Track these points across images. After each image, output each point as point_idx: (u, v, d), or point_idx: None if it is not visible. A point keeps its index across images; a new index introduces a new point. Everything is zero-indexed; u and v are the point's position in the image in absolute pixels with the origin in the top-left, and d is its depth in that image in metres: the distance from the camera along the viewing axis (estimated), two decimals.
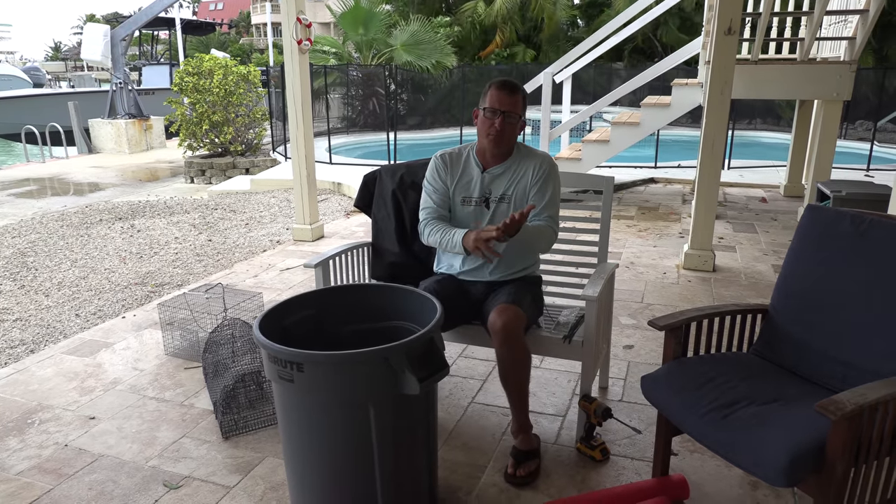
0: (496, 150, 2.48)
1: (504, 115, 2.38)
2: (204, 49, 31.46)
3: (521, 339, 2.30)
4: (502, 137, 2.41)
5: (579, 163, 6.91)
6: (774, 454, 1.65)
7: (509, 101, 2.38)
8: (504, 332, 2.26)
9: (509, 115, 2.38)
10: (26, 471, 2.43)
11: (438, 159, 2.60)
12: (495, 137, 2.41)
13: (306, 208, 5.70)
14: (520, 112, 2.43)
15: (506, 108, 2.38)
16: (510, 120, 2.39)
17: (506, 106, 2.38)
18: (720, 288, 4.35)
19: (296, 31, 5.29)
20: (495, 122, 2.39)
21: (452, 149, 2.63)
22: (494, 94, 2.39)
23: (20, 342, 3.85)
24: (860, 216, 2.16)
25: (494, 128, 2.39)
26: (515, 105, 2.40)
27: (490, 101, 2.40)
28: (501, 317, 2.27)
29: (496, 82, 2.41)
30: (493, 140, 2.42)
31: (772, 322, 2.27)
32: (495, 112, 2.38)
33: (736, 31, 4.23)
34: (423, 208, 2.60)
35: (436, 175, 2.58)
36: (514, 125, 2.42)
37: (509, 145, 2.49)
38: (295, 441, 1.91)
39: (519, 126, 2.45)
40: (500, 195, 2.50)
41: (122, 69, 13.42)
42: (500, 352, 2.30)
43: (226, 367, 2.86)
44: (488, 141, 2.44)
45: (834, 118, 5.90)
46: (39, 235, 6.45)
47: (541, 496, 2.25)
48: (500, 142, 2.43)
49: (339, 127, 13.87)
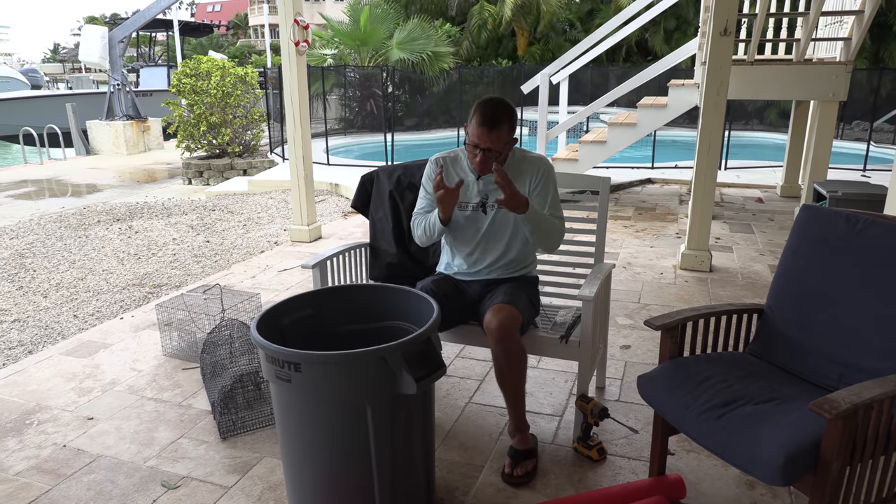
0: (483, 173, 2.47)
1: (485, 151, 2.35)
2: (202, 51, 31.46)
3: (517, 338, 2.31)
4: (485, 167, 2.40)
5: (576, 163, 6.93)
6: (770, 453, 1.66)
7: (489, 138, 2.33)
8: (499, 331, 2.26)
9: (489, 151, 2.35)
10: (25, 471, 2.43)
11: (433, 164, 2.60)
12: (478, 168, 2.41)
13: (304, 209, 5.71)
14: (502, 147, 2.36)
15: (486, 146, 2.34)
16: (491, 155, 2.36)
17: (486, 143, 2.34)
18: (717, 288, 4.36)
19: (293, 32, 5.30)
20: (477, 156, 2.38)
21: (448, 152, 2.62)
22: (476, 130, 2.34)
23: (18, 343, 3.85)
24: (855, 216, 2.17)
25: (476, 161, 2.39)
26: (497, 141, 2.34)
27: (472, 133, 2.36)
28: (497, 316, 2.28)
29: (479, 113, 2.33)
30: (477, 169, 2.42)
31: (768, 322, 2.28)
32: (476, 147, 2.37)
33: (732, 31, 4.25)
34: (415, 211, 2.63)
35: (431, 179, 2.58)
36: (497, 154, 2.37)
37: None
38: (293, 441, 1.92)
39: (508, 148, 2.40)
40: (496, 200, 2.48)
41: (120, 71, 13.41)
42: (496, 352, 2.30)
43: (224, 367, 2.87)
44: (477, 171, 2.44)
45: (830, 118, 5.92)
46: (37, 237, 6.44)
47: (538, 496, 2.25)
48: (484, 171, 2.42)
49: (336, 128, 13.87)
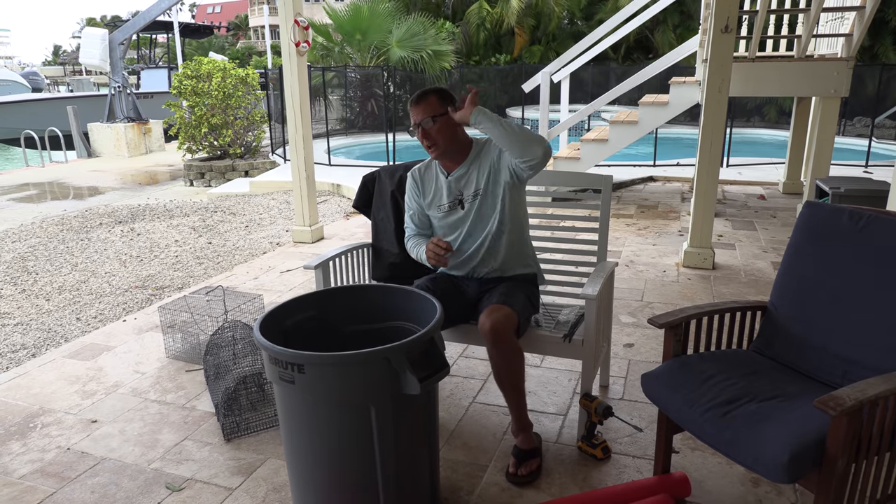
0: (444, 159, 2.51)
1: (420, 124, 2.40)
2: (202, 52, 31.48)
3: (511, 339, 2.28)
4: (436, 145, 2.43)
5: (578, 162, 6.93)
6: (775, 451, 1.65)
7: (420, 110, 2.40)
8: (493, 333, 2.24)
9: (425, 122, 2.39)
10: (29, 474, 2.44)
11: (411, 178, 2.65)
12: (431, 149, 2.45)
13: (306, 210, 5.71)
14: (436, 111, 2.38)
15: (419, 118, 2.40)
16: (428, 125, 2.39)
17: (418, 116, 2.40)
18: (720, 285, 4.35)
19: (293, 33, 5.30)
20: (419, 135, 2.43)
21: (424, 162, 2.66)
22: (411, 114, 2.43)
23: (21, 346, 3.85)
24: (858, 212, 2.16)
25: (423, 141, 2.43)
26: (427, 109, 2.39)
27: (411, 119, 2.44)
28: (490, 318, 2.26)
29: (411, 100, 2.44)
30: (433, 153, 2.47)
31: (771, 319, 2.27)
32: (416, 127, 2.42)
33: (733, 28, 4.24)
34: (406, 224, 2.71)
35: (412, 196, 2.66)
36: (437, 127, 2.39)
37: (449, 147, 2.46)
38: (296, 442, 1.92)
39: (445, 122, 2.39)
40: (472, 192, 2.50)
41: (121, 73, 13.43)
42: (491, 353, 2.30)
43: (227, 369, 2.87)
44: (432, 156, 2.51)
45: (832, 115, 5.91)
46: (40, 240, 6.45)
47: (542, 495, 2.25)
48: (438, 150, 2.45)
49: (337, 128, 13.88)
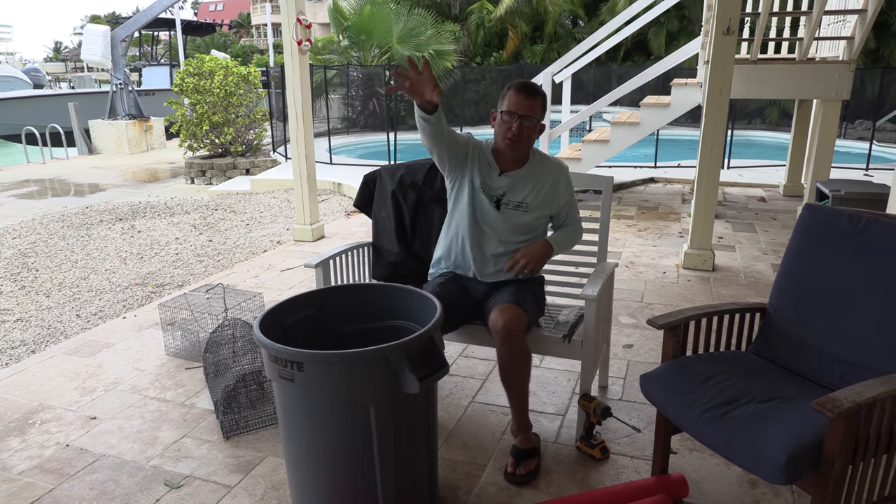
0: (512, 154, 2.45)
1: (522, 118, 2.34)
2: (205, 50, 31.49)
3: (522, 338, 2.31)
4: (519, 141, 2.38)
5: (579, 162, 6.92)
6: (772, 452, 1.66)
7: (528, 105, 2.34)
8: (505, 331, 2.26)
9: (528, 119, 2.35)
10: (28, 471, 2.44)
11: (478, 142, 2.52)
12: (512, 141, 2.38)
13: (307, 209, 5.71)
14: (538, 115, 2.38)
15: (524, 112, 2.34)
16: (528, 123, 2.36)
17: (524, 110, 2.34)
18: (719, 287, 4.36)
19: (296, 31, 5.30)
20: (513, 125, 2.35)
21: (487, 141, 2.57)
22: (513, 97, 2.35)
23: (21, 343, 3.86)
24: (858, 215, 2.17)
25: (512, 131, 2.36)
26: (534, 108, 2.36)
27: (508, 103, 2.36)
28: (503, 316, 2.28)
29: (516, 84, 2.37)
30: (510, 144, 2.39)
31: (770, 321, 2.28)
32: (513, 115, 2.34)
33: (735, 31, 4.24)
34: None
35: (471, 143, 2.49)
36: (532, 129, 2.38)
37: (525, 149, 2.46)
38: (296, 440, 1.92)
39: (538, 130, 2.41)
40: (517, 202, 2.47)
41: (123, 70, 13.42)
42: (501, 351, 2.31)
43: (226, 367, 2.87)
44: (504, 144, 2.41)
45: (833, 117, 5.91)
46: (40, 236, 6.46)
47: (541, 495, 2.25)
48: (517, 145, 2.39)
49: (339, 127, 13.88)
